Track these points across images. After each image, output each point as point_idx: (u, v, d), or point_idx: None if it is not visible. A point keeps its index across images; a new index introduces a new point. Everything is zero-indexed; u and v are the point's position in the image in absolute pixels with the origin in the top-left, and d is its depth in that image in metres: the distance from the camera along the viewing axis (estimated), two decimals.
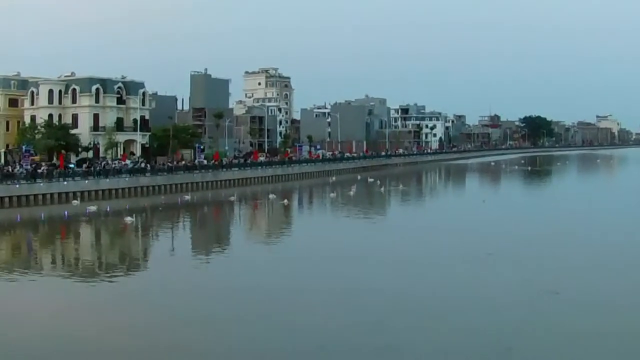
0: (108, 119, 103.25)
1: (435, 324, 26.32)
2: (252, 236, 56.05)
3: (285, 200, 76.11)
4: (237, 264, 40.73)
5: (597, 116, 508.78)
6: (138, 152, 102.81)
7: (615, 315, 27.46)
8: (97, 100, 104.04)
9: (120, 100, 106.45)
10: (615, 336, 24.79)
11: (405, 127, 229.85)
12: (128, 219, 56.38)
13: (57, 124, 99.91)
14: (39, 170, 75.81)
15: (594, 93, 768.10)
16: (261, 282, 33.85)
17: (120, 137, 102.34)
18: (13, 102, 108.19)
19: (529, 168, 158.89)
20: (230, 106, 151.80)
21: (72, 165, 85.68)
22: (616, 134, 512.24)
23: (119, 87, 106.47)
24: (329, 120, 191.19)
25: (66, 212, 64.50)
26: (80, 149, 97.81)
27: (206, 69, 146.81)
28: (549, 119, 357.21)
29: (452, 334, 25.09)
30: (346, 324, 26.15)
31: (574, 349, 23.81)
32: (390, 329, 25.77)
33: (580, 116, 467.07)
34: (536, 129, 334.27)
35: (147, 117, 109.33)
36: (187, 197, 78.80)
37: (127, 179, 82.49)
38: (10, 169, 76.36)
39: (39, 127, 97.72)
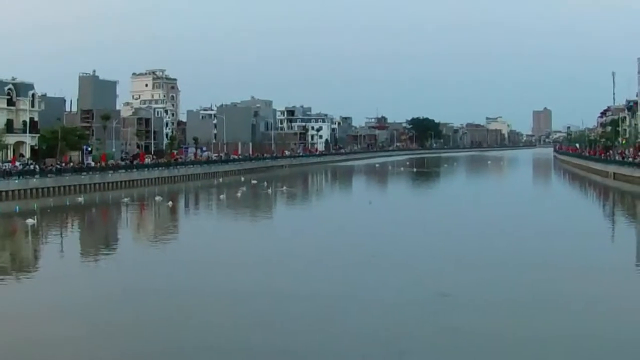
0: None
1: (329, 327, 27.38)
2: (143, 239, 57.95)
3: (170, 202, 79.03)
4: (133, 266, 42.12)
5: (487, 118, 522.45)
6: (27, 154, 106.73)
7: (502, 316, 29.00)
8: None
9: (10, 102, 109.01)
10: (501, 336, 26.13)
11: (291, 128, 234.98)
12: (29, 221, 57.54)
13: None
14: None
15: (484, 95, 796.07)
16: (166, 285, 35.56)
17: (10, 139, 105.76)
18: None
19: (415, 170, 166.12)
20: (118, 108, 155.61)
21: None
22: (506, 135, 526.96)
23: (9, 89, 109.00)
24: (215, 122, 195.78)
25: None
26: None
27: (94, 71, 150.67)
28: (437, 120, 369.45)
29: (345, 336, 26.11)
30: (240, 326, 27.56)
31: (465, 351, 24.75)
32: (285, 331, 26.96)
33: (470, 118, 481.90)
34: (424, 131, 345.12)
35: (36, 119, 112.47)
36: (80, 199, 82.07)
37: (16, 181, 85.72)
38: None
39: None
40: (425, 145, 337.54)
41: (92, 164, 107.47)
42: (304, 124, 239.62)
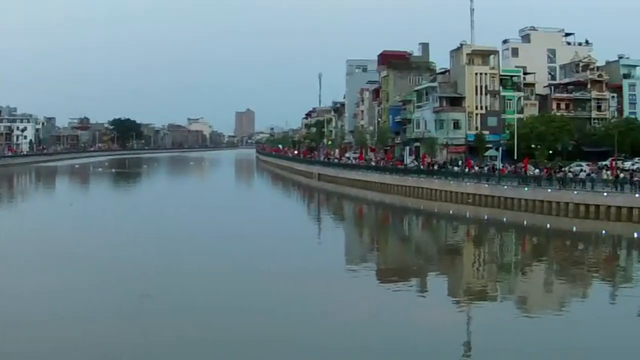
0: None
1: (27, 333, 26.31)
2: None
3: None
4: None
5: (189, 119, 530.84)
6: None
7: (204, 318, 28.91)
8: None
9: None
10: (199, 339, 25.91)
11: None
12: None
13: None
14: None
15: (187, 97, 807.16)
16: None
17: None
18: None
19: (114, 170, 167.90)
20: None
21: None
22: (208, 136, 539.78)
23: None
24: None
25: None
26: None
27: None
28: (139, 121, 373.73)
29: (53, 345, 25.18)
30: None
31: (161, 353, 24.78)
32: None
33: (172, 119, 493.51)
34: (125, 132, 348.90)
35: None
36: None
37: None
38: None
39: None
40: (126, 146, 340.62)
41: None
42: (9, 124, 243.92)
